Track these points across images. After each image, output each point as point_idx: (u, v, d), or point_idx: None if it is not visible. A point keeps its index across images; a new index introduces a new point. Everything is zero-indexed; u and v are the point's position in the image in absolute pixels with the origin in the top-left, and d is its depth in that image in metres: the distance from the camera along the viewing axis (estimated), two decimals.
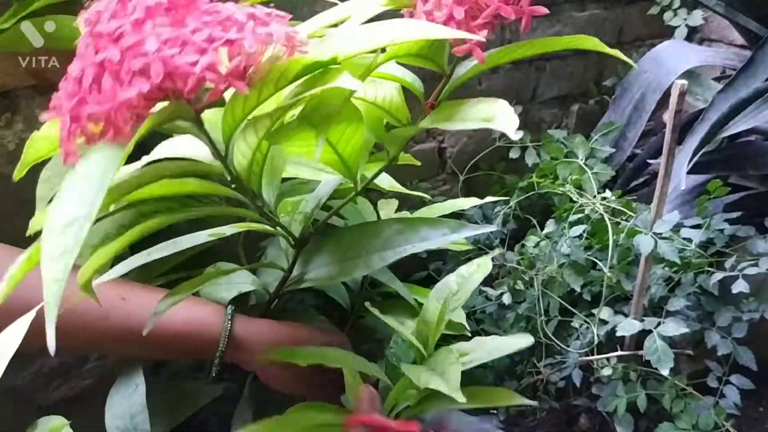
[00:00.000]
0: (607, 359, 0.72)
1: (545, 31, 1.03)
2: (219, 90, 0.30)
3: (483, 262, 0.54)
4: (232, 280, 0.55)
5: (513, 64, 1.01)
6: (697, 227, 0.72)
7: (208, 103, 0.33)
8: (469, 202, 0.70)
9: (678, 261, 0.68)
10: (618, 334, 0.69)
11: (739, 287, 0.68)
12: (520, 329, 0.78)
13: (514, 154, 1.02)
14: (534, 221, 0.91)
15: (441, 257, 0.92)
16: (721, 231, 0.73)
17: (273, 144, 0.41)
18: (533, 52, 0.43)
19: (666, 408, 0.70)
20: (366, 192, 0.65)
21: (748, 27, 0.91)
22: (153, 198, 0.40)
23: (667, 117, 0.64)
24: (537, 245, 0.81)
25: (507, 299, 0.81)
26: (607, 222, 0.75)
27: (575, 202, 0.81)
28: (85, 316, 0.47)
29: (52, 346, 0.25)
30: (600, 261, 0.74)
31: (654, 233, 0.69)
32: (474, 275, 0.53)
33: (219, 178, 0.41)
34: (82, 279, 0.38)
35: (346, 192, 0.51)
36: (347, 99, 0.36)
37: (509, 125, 0.34)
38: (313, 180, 0.54)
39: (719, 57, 0.99)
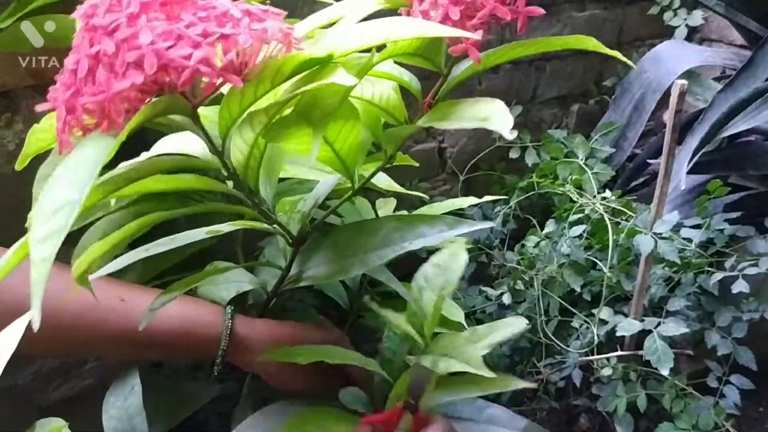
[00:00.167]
0: (607, 359, 0.72)
1: (545, 31, 1.03)
2: (213, 84, 0.30)
3: (455, 250, 0.50)
4: (229, 279, 0.55)
5: (513, 64, 1.01)
6: (697, 227, 0.72)
7: (204, 98, 0.34)
8: (468, 201, 0.70)
9: (678, 261, 0.68)
10: (618, 334, 0.69)
11: (739, 287, 0.68)
12: None
13: (514, 154, 1.02)
14: (534, 221, 0.91)
15: None
16: (721, 231, 0.73)
17: (270, 141, 0.41)
18: (531, 51, 0.43)
19: (666, 408, 0.70)
20: (365, 192, 0.65)
21: (748, 27, 0.91)
22: (150, 194, 0.40)
23: (667, 117, 0.64)
24: (537, 245, 0.81)
25: (507, 299, 0.81)
26: (607, 222, 0.75)
27: (575, 202, 0.81)
28: (85, 318, 0.47)
29: (37, 321, 0.25)
30: (600, 261, 0.74)
31: (654, 233, 0.69)
32: (451, 265, 0.50)
33: (216, 174, 0.41)
34: (77, 271, 0.38)
35: (344, 192, 0.51)
36: (344, 97, 0.36)
37: (504, 126, 0.34)
38: (311, 180, 0.54)
39: (719, 57, 0.99)
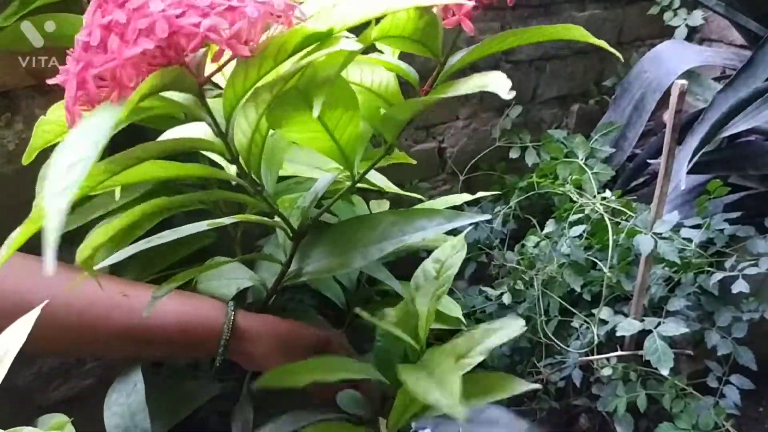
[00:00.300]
0: (607, 359, 0.72)
1: None
2: (221, 53, 0.32)
3: (457, 242, 0.51)
4: (230, 275, 0.55)
5: (513, 64, 1.01)
6: (697, 227, 0.72)
7: (209, 77, 0.35)
8: (462, 198, 0.70)
9: (678, 261, 0.68)
10: (618, 334, 0.69)
11: (739, 287, 0.68)
12: None
13: (514, 154, 1.02)
14: (534, 221, 0.91)
15: None
16: (721, 231, 0.72)
17: (272, 127, 0.41)
18: (525, 41, 0.43)
19: (666, 408, 0.70)
20: (362, 193, 0.64)
21: (748, 27, 0.91)
22: (154, 181, 0.40)
23: (667, 117, 0.64)
24: (537, 245, 0.81)
25: (507, 299, 0.81)
26: (607, 222, 0.75)
27: (575, 202, 0.81)
28: (88, 314, 0.48)
29: (49, 265, 0.25)
30: (600, 261, 0.74)
31: (654, 233, 0.69)
32: (450, 258, 0.50)
33: (221, 155, 0.42)
34: (82, 255, 0.38)
35: (341, 191, 0.51)
36: (344, 65, 0.37)
37: (501, 87, 0.35)
38: (310, 179, 0.54)
39: (719, 57, 0.99)
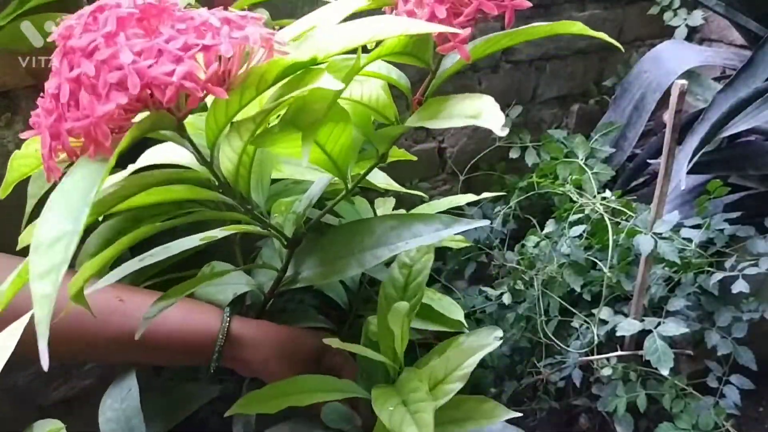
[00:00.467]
0: (607, 359, 0.72)
1: None
2: (197, 98, 0.30)
3: (423, 245, 0.48)
4: (227, 281, 0.55)
5: (513, 64, 1.01)
6: (697, 227, 0.72)
7: (188, 111, 0.33)
8: (465, 198, 0.70)
9: (678, 261, 0.68)
10: (618, 334, 0.69)
11: (739, 287, 0.68)
12: (520, 329, 0.78)
13: (514, 154, 1.02)
14: (534, 221, 0.91)
15: (441, 257, 0.92)
16: (721, 231, 0.72)
17: (259, 147, 0.40)
18: (518, 40, 0.42)
19: (666, 408, 0.70)
20: (364, 191, 0.64)
21: (748, 27, 0.91)
22: (144, 206, 0.40)
23: (667, 117, 0.64)
24: (537, 245, 0.81)
25: (507, 299, 0.81)
26: (607, 222, 0.75)
27: (575, 202, 0.81)
28: (85, 321, 0.47)
29: (45, 362, 0.25)
30: (600, 261, 0.74)
31: (654, 233, 0.69)
32: (419, 262, 0.49)
33: (207, 183, 0.41)
34: (73, 289, 0.37)
35: (340, 192, 0.51)
36: (332, 101, 0.35)
37: (495, 122, 0.33)
38: (307, 180, 0.54)
39: (719, 57, 0.99)
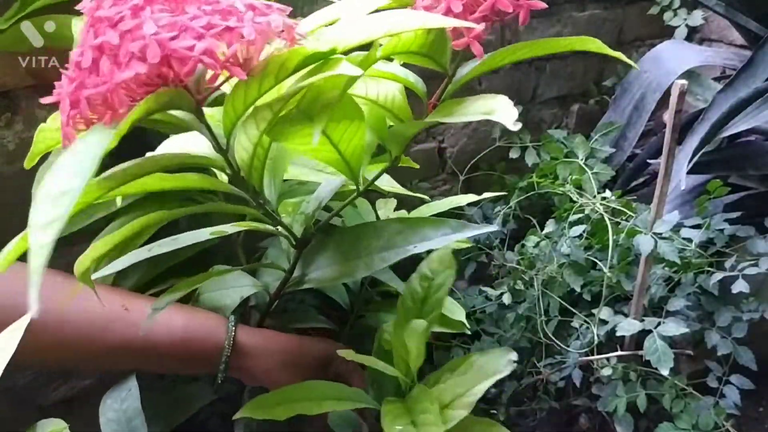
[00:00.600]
0: (607, 359, 0.72)
1: (545, 31, 1.03)
2: (216, 76, 0.30)
3: (444, 256, 0.48)
4: (232, 283, 0.55)
5: (513, 64, 1.01)
6: (697, 227, 0.72)
7: (208, 94, 0.34)
8: (467, 198, 0.70)
9: (678, 261, 0.68)
10: (618, 334, 0.69)
11: (739, 287, 0.67)
12: (520, 329, 0.78)
13: (514, 154, 1.02)
14: (534, 221, 0.91)
15: None
16: (721, 231, 0.72)
17: (274, 140, 0.41)
18: (534, 53, 0.43)
19: (666, 408, 0.70)
20: (365, 192, 0.64)
21: (748, 27, 0.91)
22: (154, 196, 0.40)
23: (667, 117, 0.64)
24: (537, 245, 0.81)
25: (507, 299, 0.81)
26: (607, 222, 0.75)
27: (575, 202, 0.81)
28: (89, 327, 0.47)
29: (35, 311, 0.24)
30: (600, 261, 0.74)
31: (654, 233, 0.69)
32: (439, 275, 0.48)
33: (221, 171, 0.41)
34: (80, 268, 0.38)
35: (346, 194, 0.51)
36: (345, 88, 0.36)
37: (508, 117, 0.34)
38: (311, 181, 0.54)
39: (719, 57, 0.99)
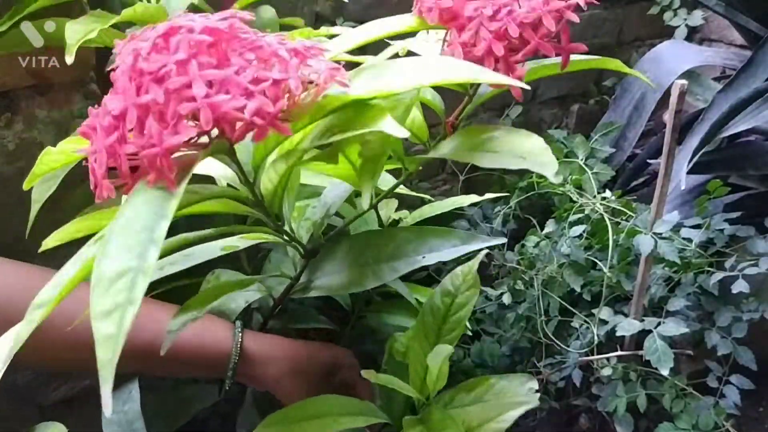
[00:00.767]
0: (607, 359, 0.72)
1: None
2: (264, 132, 0.29)
3: (468, 274, 0.48)
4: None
5: None
6: (697, 227, 0.72)
7: (242, 137, 0.33)
8: (469, 199, 0.70)
9: (678, 261, 0.68)
10: (618, 334, 0.69)
11: (739, 287, 0.68)
12: (520, 329, 0.78)
13: None
14: (534, 221, 0.91)
15: None
16: (721, 231, 0.72)
17: (300, 167, 0.41)
18: (556, 71, 0.41)
19: (666, 408, 0.70)
20: None
21: (748, 27, 0.91)
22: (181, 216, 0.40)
23: (667, 117, 0.64)
24: (537, 245, 0.81)
25: (507, 299, 0.81)
26: (607, 222, 0.75)
27: (575, 202, 0.81)
28: (92, 331, 0.47)
29: (108, 410, 0.23)
30: (600, 261, 0.74)
31: (654, 233, 0.69)
32: (462, 294, 0.48)
33: (244, 200, 0.41)
34: None
35: (350, 199, 0.51)
36: (392, 145, 0.36)
37: (548, 167, 0.32)
38: (311, 184, 0.53)
39: (719, 57, 0.99)
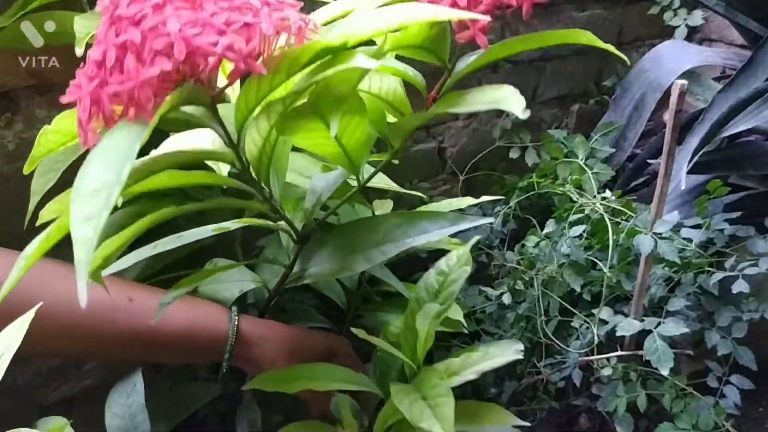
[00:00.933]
0: (607, 359, 0.72)
1: (545, 31, 1.03)
2: (238, 70, 0.32)
3: (463, 254, 0.51)
4: (231, 278, 0.55)
5: (513, 64, 1.01)
6: (697, 227, 0.72)
7: (221, 90, 0.35)
8: (467, 200, 0.70)
9: (678, 261, 0.68)
10: (618, 334, 0.69)
11: (739, 287, 0.67)
12: (520, 329, 0.78)
13: (514, 154, 1.02)
14: (534, 221, 0.91)
15: (440, 257, 0.92)
16: (721, 231, 0.72)
17: (282, 134, 0.41)
18: (532, 46, 0.44)
19: (666, 408, 0.70)
20: (363, 193, 0.64)
21: (748, 27, 0.91)
22: (153, 193, 0.41)
23: (667, 117, 0.64)
24: (537, 245, 0.81)
25: (507, 299, 0.81)
26: (607, 222, 0.75)
27: (575, 202, 0.81)
28: (92, 318, 0.47)
29: (83, 300, 0.25)
30: (600, 261, 0.74)
31: (654, 233, 0.69)
32: (455, 271, 0.51)
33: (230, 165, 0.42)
34: (93, 265, 0.38)
35: (344, 191, 0.51)
36: (358, 81, 0.37)
37: (516, 105, 0.34)
38: (299, 187, 0.54)
39: (719, 57, 0.99)
